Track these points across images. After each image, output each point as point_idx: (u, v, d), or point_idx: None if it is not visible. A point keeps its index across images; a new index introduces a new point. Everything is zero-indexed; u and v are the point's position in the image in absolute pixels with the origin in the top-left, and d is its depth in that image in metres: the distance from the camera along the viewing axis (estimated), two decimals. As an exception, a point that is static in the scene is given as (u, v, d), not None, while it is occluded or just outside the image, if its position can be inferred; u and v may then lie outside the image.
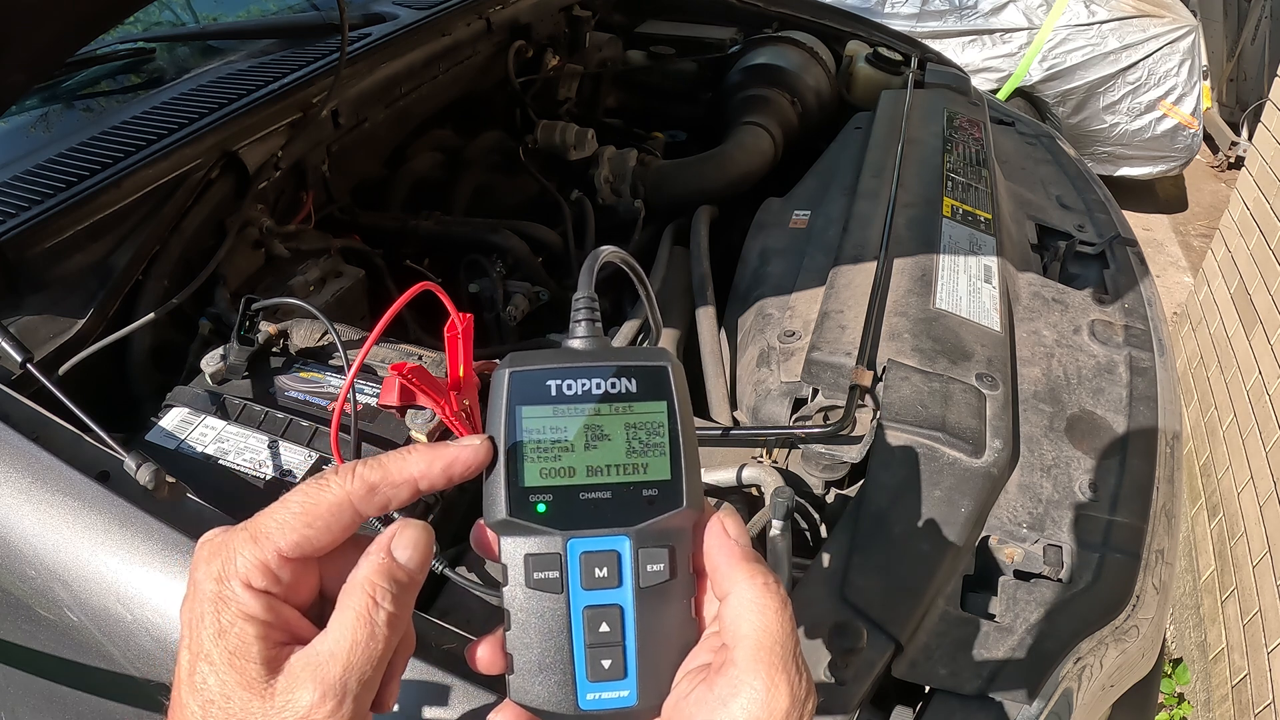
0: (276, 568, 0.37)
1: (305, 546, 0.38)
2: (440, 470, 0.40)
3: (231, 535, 0.38)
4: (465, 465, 0.40)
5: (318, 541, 0.38)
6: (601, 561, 0.40)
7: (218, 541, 0.38)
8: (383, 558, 0.39)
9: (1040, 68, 3.98)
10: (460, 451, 0.40)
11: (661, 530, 0.40)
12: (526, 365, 0.41)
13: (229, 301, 1.08)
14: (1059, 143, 1.77)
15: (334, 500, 0.38)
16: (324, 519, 0.38)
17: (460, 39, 1.65)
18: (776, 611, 0.38)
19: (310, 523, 0.38)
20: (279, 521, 0.38)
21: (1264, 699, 1.81)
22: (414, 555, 0.39)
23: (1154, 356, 1.11)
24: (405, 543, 0.39)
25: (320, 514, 0.38)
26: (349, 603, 0.37)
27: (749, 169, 1.72)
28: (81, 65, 1.41)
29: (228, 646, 0.36)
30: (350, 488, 0.39)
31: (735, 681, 0.36)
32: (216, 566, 0.37)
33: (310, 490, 0.39)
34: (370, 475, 0.39)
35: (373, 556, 0.39)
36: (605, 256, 0.47)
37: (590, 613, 0.40)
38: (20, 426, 0.78)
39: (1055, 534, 0.86)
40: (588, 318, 0.45)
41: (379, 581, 0.38)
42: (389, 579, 0.38)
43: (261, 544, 0.37)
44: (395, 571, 0.38)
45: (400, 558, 0.39)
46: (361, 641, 0.36)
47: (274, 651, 0.36)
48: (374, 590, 0.37)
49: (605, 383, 0.41)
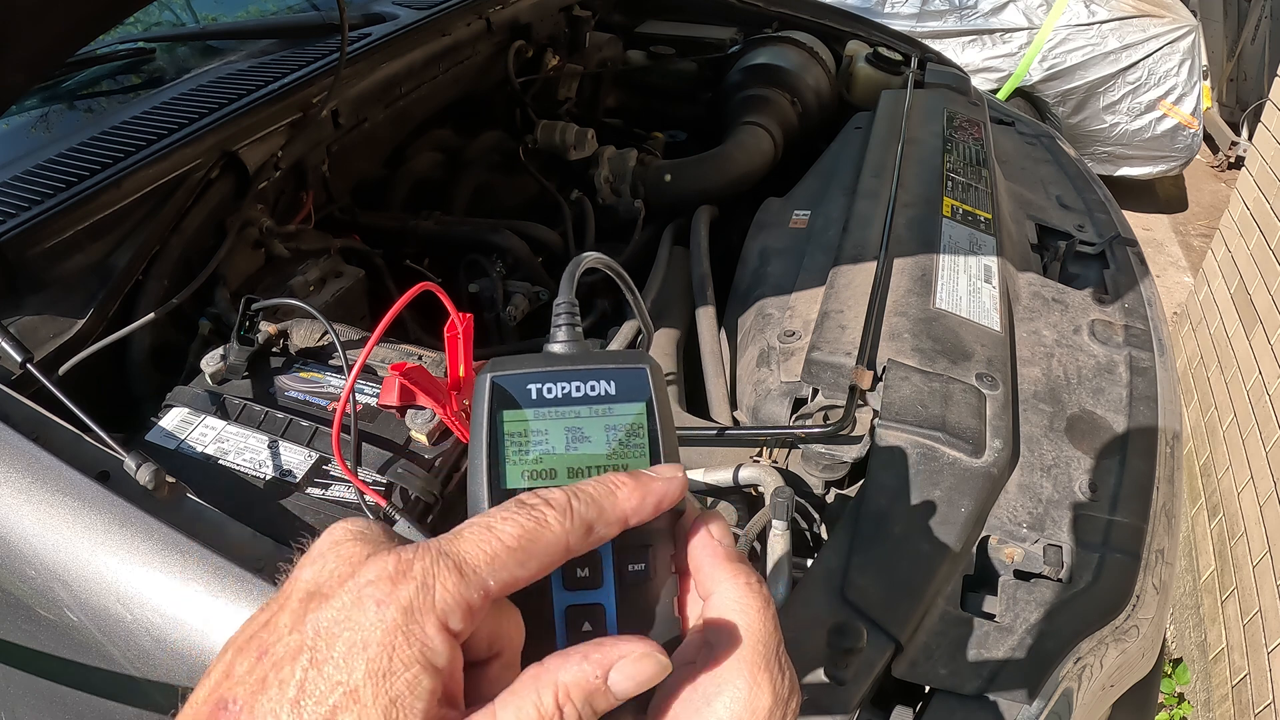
0: (479, 610, 0.31)
1: (512, 588, 0.32)
2: (652, 508, 0.37)
3: (424, 554, 0.31)
4: (672, 502, 0.37)
5: (521, 585, 0.32)
6: (583, 562, 0.39)
7: (407, 559, 0.31)
8: (596, 675, 0.31)
9: (1040, 68, 3.99)
10: (669, 487, 0.37)
11: (642, 530, 0.40)
12: (507, 370, 0.41)
13: (229, 301, 1.08)
14: (1059, 143, 1.77)
15: (553, 541, 0.33)
16: (539, 560, 0.32)
17: (460, 39, 1.65)
18: (759, 611, 0.37)
19: (524, 561, 0.32)
20: (490, 554, 0.31)
21: (1264, 699, 1.81)
22: (630, 690, 0.32)
23: (1154, 356, 1.11)
24: (629, 674, 0.32)
25: (536, 553, 0.32)
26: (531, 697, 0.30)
27: (749, 169, 1.72)
28: (81, 65, 1.41)
29: (389, 693, 0.29)
30: (569, 526, 0.33)
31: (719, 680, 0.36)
32: (408, 592, 0.30)
33: (526, 522, 0.32)
34: (587, 513, 0.34)
35: (585, 665, 0.31)
36: (588, 262, 0.48)
37: (573, 612, 0.40)
38: (20, 426, 0.78)
39: (1055, 534, 0.86)
40: (568, 322, 0.45)
41: (575, 696, 0.31)
42: (586, 699, 0.31)
43: (469, 579, 0.31)
44: (598, 697, 0.31)
45: (615, 686, 0.31)
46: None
47: (439, 712, 0.30)
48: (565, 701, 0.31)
49: (585, 385, 0.41)
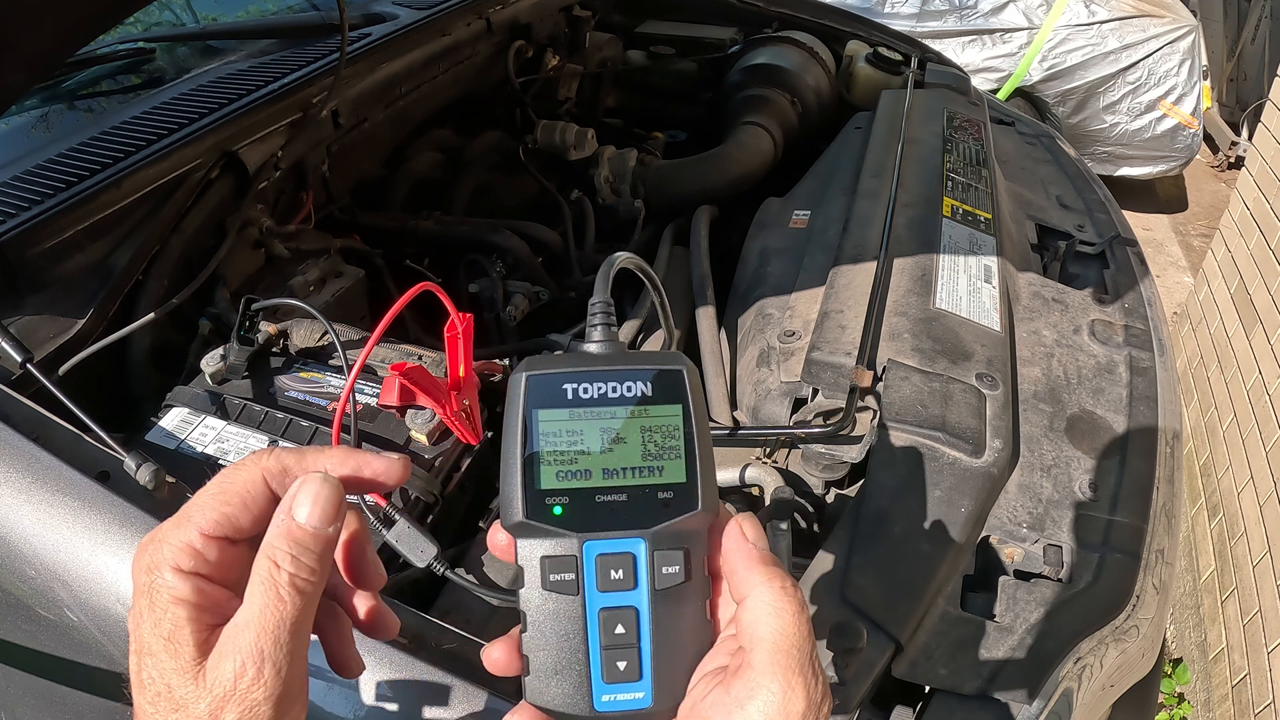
0: (202, 547, 0.38)
1: (225, 525, 0.38)
2: (351, 470, 0.41)
3: (159, 527, 0.39)
4: (375, 472, 0.41)
5: (238, 520, 0.39)
6: (617, 563, 0.40)
7: (148, 535, 0.39)
8: (282, 518, 0.38)
9: (1040, 68, 3.98)
10: (375, 460, 0.42)
11: (677, 532, 0.40)
12: (543, 369, 0.41)
13: (229, 301, 1.08)
14: (1059, 143, 1.77)
15: (247, 477, 0.39)
16: (239, 496, 0.39)
17: (460, 39, 1.65)
18: (794, 615, 0.38)
19: (227, 500, 0.39)
20: (199, 503, 0.39)
21: (1264, 699, 1.81)
22: (314, 512, 0.38)
23: (1154, 356, 1.11)
24: (303, 499, 0.39)
25: (236, 491, 0.39)
26: (256, 569, 0.37)
27: (749, 169, 1.72)
28: (81, 65, 1.41)
29: (162, 634, 0.36)
30: (264, 464, 0.40)
31: (752, 684, 0.36)
32: (146, 558, 0.38)
33: (228, 471, 0.40)
34: (286, 458, 0.40)
35: (274, 520, 0.39)
36: (621, 262, 0.48)
37: (606, 614, 0.40)
38: (20, 426, 0.78)
39: (1055, 534, 0.86)
40: (604, 322, 0.45)
41: (278, 544, 0.38)
42: (289, 540, 0.38)
43: (184, 526, 0.38)
44: (295, 532, 0.38)
45: (299, 516, 0.38)
46: (270, 604, 0.36)
47: (206, 634, 0.37)
48: (273, 554, 0.37)
49: (621, 386, 0.41)
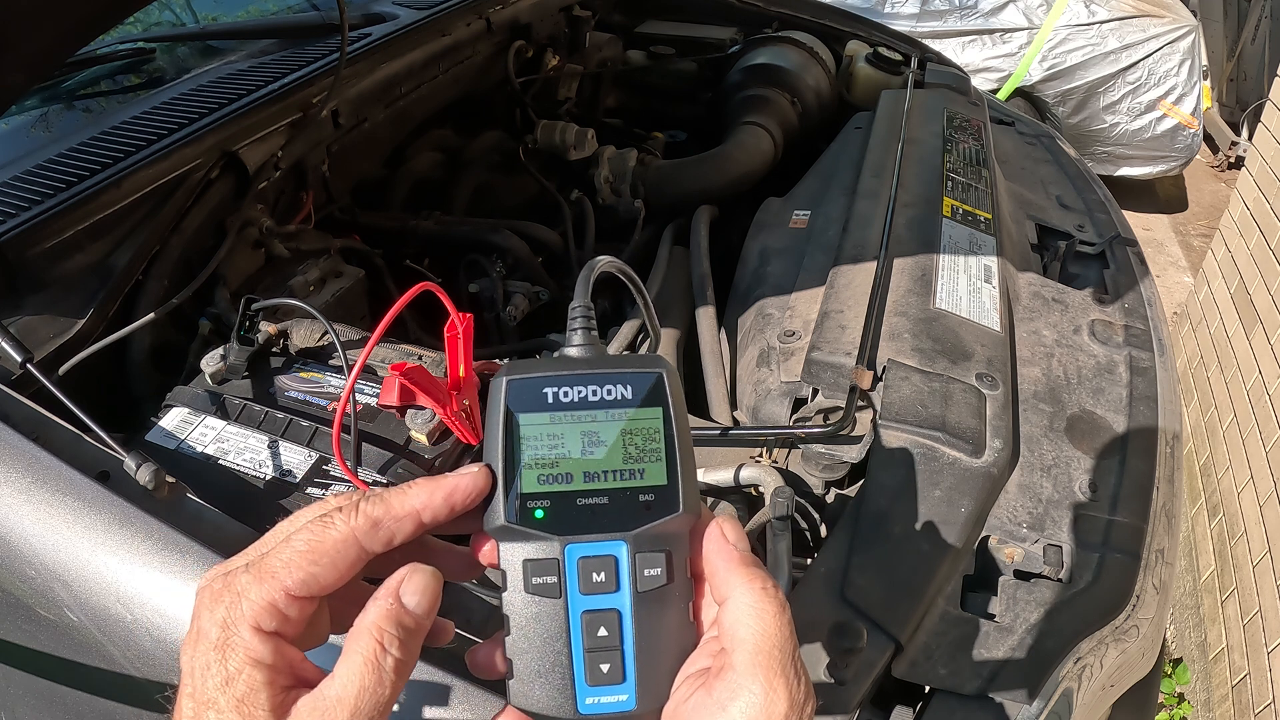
0: (285, 607, 0.37)
1: (312, 585, 0.37)
2: (442, 500, 0.40)
3: (234, 577, 0.37)
4: (466, 493, 0.40)
5: (324, 579, 0.38)
6: (599, 566, 0.40)
7: (221, 584, 0.38)
8: (391, 603, 0.38)
9: (1040, 68, 3.98)
10: (460, 480, 0.40)
11: (658, 535, 0.40)
12: (523, 373, 0.41)
13: (229, 301, 1.08)
14: (1059, 143, 1.77)
15: (339, 537, 0.38)
16: (329, 555, 0.38)
17: (460, 39, 1.65)
18: (775, 615, 0.38)
19: (316, 560, 0.38)
20: (284, 560, 0.37)
21: (1264, 699, 1.81)
22: (422, 601, 0.39)
23: (1154, 356, 1.11)
24: (414, 588, 0.39)
25: (326, 550, 0.38)
26: (356, 647, 0.37)
27: (749, 169, 1.72)
28: (81, 65, 1.41)
29: (235, 694, 0.35)
30: (355, 523, 0.39)
31: (734, 685, 0.36)
32: (221, 611, 0.37)
33: (315, 528, 0.38)
34: (373, 511, 0.39)
35: (381, 601, 0.38)
36: (601, 267, 0.48)
37: (588, 617, 0.40)
38: (20, 426, 0.78)
39: (1055, 534, 0.86)
40: (584, 326, 0.45)
41: (386, 627, 0.37)
42: (396, 624, 0.37)
43: (268, 583, 0.37)
44: (403, 617, 0.38)
45: (409, 603, 0.38)
46: (370, 687, 0.36)
47: (281, 697, 0.36)
48: (381, 635, 0.37)
49: (601, 390, 0.41)
